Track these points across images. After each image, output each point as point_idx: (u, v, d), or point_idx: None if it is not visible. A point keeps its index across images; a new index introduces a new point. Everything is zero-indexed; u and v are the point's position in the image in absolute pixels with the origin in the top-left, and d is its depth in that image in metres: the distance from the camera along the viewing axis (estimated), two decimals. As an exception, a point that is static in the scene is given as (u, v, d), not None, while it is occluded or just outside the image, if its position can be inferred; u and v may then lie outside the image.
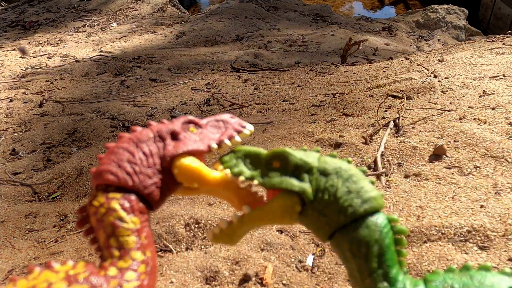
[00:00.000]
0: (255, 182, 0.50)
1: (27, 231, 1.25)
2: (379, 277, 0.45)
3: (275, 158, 0.50)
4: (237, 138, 0.54)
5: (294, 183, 0.48)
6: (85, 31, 4.50)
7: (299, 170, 0.49)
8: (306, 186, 0.48)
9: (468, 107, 1.55)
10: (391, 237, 0.47)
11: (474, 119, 1.45)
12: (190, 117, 0.54)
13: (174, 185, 0.51)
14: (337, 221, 0.47)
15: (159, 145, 0.51)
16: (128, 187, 0.48)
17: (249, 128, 0.55)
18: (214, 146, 0.53)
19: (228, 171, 0.51)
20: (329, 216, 0.47)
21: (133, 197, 0.48)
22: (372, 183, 0.49)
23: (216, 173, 0.51)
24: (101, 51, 3.56)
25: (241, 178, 0.50)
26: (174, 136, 0.52)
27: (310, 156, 0.50)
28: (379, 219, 0.47)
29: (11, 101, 2.45)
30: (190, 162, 0.50)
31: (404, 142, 1.38)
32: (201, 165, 0.51)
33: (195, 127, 0.53)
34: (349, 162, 0.51)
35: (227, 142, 0.53)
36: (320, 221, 0.48)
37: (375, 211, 0.47)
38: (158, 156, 0.50)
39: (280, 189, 0.48)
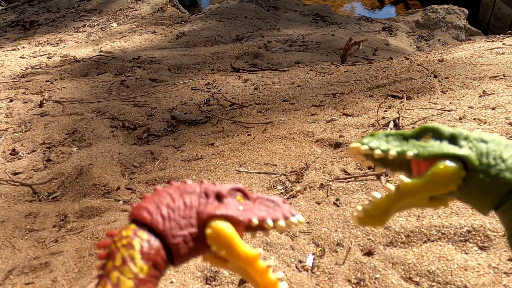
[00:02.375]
0: (409, 154, 0.49)
1: (27, 231, 1.25)
2: None
3: (425, 132, 0.50)
4: (282, 223, 0.52)
5: (455, 149, 0.47)
6: (85, 31, 4.50)
7: (455, 138, 0.48)
8: (468, 151, 0.47)
9: (468, 107, 1.55)
10: None
11: (474, 119, 1.45)
12: (241, 187, 0.53)
13: (203, 246, 0.50)
14: (508, 182, 0.45)
15: (201, 201, 0.51)
16: (157, 229, 0.47)
17: (297, 218, 0.53)
18: (255, 221, 0.51)
19: (378, 151, 0.49)
20: (498, 179, 0.45)
21: (156, 244, 0.47)
22: None
23: (250, 249, 0.49)
24: (101, 51, 3.56)
25: (392, 152, 0.49)
26: (219, 197, 0.51)
27: (460, 128, 0.50)
28: None
29: (11, 101, 2.45)
30: (224, 226, 0.49)
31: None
32: (235, 234, 0.49)
33: (243, 197, 0.53)
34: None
35: (270, 222, 0.51)
36: (487, 186, 0.46)
37: None
38: (197, 211, 0.50)
39: (441, 156, 0.47)
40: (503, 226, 0.48)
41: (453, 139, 0.49)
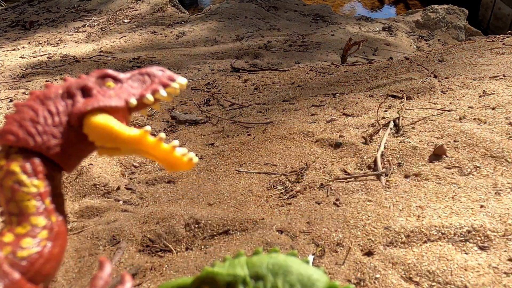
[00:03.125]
0: None
1: (27, 231, 1.25)
2: None
3: (202, 284, 0.46)
4: (163, 92, 0.48)
5: None
6: (85, 31, 4.50)
7: (231, 286, 0.44)
8: None
9: (468, 107, 1.55)
10: None
11: (474, 119, 1.45)
12: (107, 71, 0.50)
13: (87, 145, 0.47)
14: None
15: (68, 102, 0.47)
16: (29, 147, 0.45)
17: (179, 81, 0.49)
18: (133, 101, 0.48)
19: None
20: None
21: (36, 159, 0.45)
22: (315, 266, 0.45)
23: (135, 130, 0.46)
24: (101, 51, 3.56)
25: None
26: (86, 92, 0.47)
27: (238, 265, 0.45)
28: None
29: (11, 101, 2.45)
30: (100, 119, 0.45)
31: (404, 142, 1.38)
32: (114, 122, 0.46)
33: (113, 81, 0.49)
34: (293, 254, 0.46)
35: (150, 97, 0.48)
36: None
37: None
38: (66, 114, 0.46)
39: None
40: None
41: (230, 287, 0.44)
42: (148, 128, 0.47)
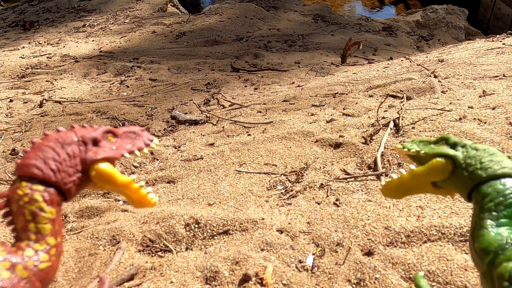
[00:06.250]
0: (422, 152, 0.68)
1: (27, 231, 1.25)
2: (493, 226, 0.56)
3: (441, 140, 0.68)
4: (145, 150, 0.66)
5: (449, 150, 0.66)
6: (85, 31, 4.50)
7: (456, 144, 0.66)
8: (458, 153, 0.65)
9: (468, 107, 1.55)
10: None
11: (474, 119, 1.45)
12: (110, 128, 0.65)
13: (87, 182, 0.62)
14: (478, 177, 0.61)
15: (81, 149, 0.61)
16: (51, 182, 0.57)
17: (155, 143, 0.67)
18: (127, 155, 0.64)
19: (413, 150, 0.70)
20: (471, 173, 0.62)
21: (53, 191, 0.57)
22: None
23: (125, 177, 0.62)
24: (101, 51, 3.56)
25: (413, 150, 0.69)
26: (95, 142, 0.62)
27: (465, 140, 0.63)
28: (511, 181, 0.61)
29: (11, 101, 2.45)
30: (105, 167, 0.61)
31: (404, 142, 1.38)
32: (113, 170, 0.61)
33: (113, 136, 0.64)
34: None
35: (137, 153, 0.65)
36: (465, 178, 0.62)
37: (509, 176, 0.60)
38: (80, 158, 0.60)
39: (438, 155, 0.65)
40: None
41: (454, 145, 0.67)
42: (134, 176, 0.63)
